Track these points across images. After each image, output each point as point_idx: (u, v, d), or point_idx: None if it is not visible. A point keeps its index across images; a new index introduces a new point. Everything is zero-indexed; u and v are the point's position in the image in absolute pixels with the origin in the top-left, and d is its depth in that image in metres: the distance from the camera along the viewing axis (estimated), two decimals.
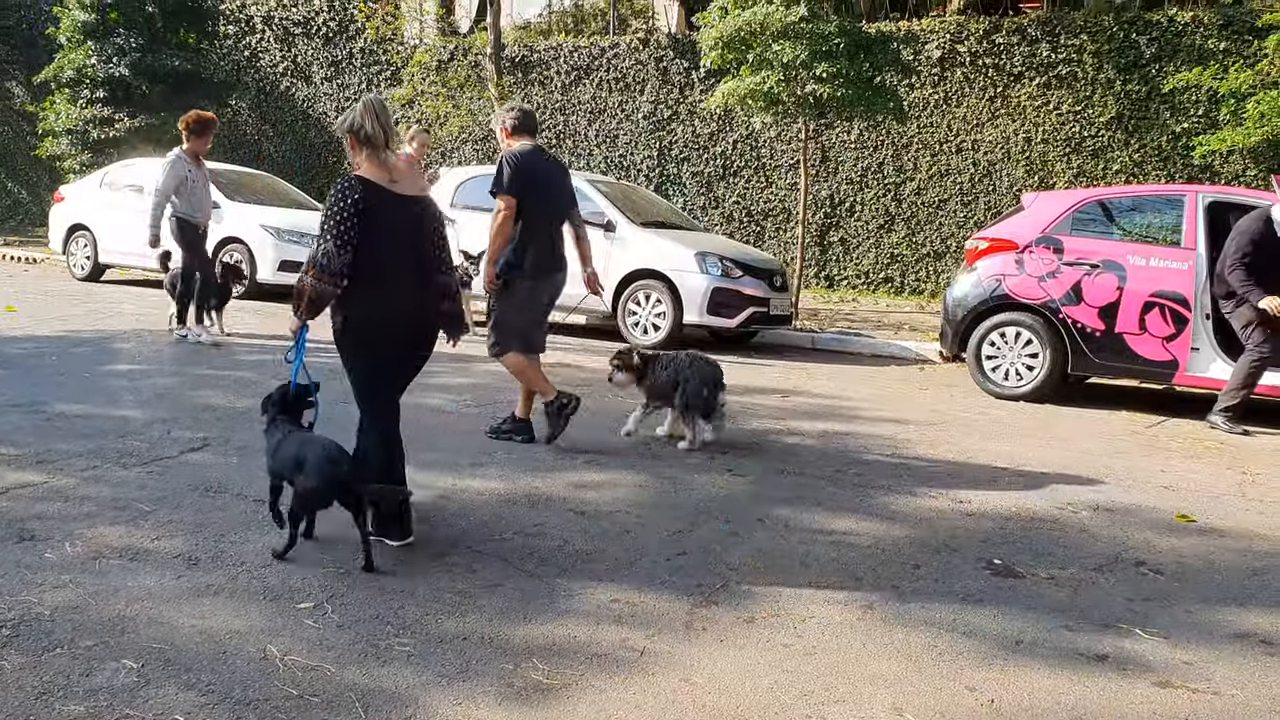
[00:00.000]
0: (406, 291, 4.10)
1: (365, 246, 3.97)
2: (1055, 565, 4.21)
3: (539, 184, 5.82)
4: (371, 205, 3.98)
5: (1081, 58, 14.39)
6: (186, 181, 8.87)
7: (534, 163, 5.86)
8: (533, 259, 5.79)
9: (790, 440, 6.39)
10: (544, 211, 5.88)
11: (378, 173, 4.07)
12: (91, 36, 17.83)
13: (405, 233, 4.11)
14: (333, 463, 3.81)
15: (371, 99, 4.16)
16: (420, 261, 4.17)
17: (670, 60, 17.28)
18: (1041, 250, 8.36)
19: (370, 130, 4.05)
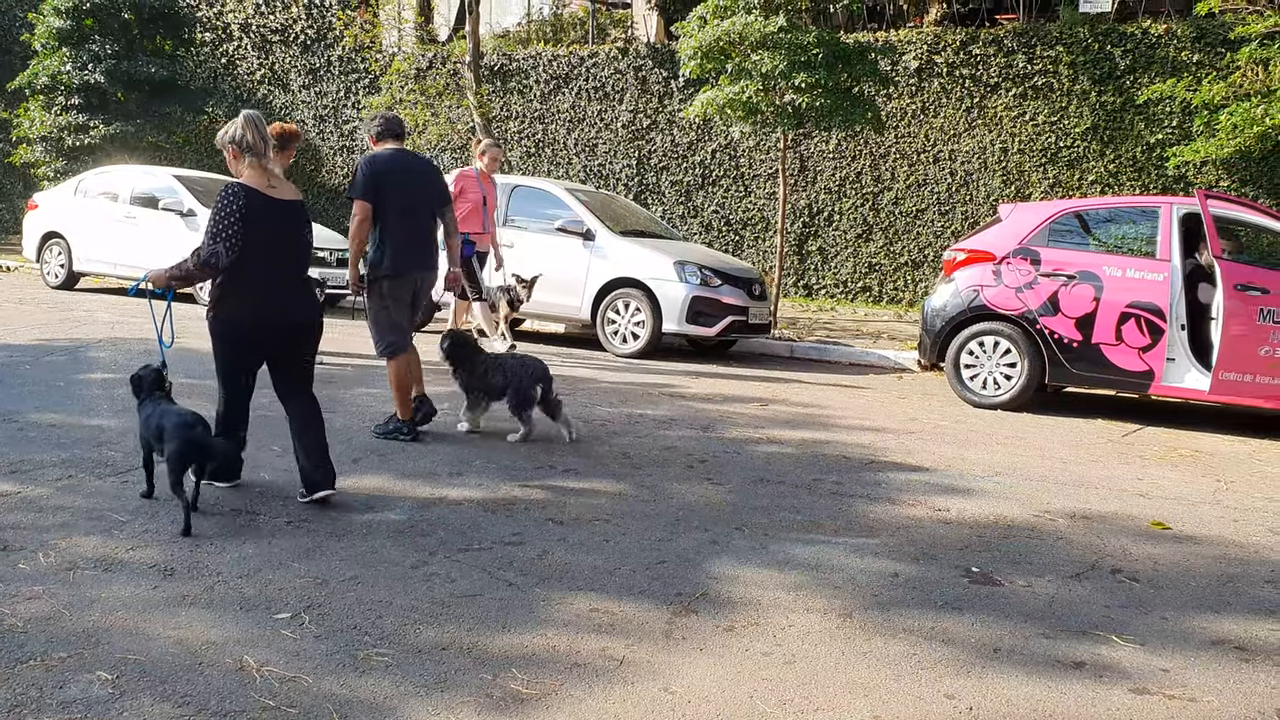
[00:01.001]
0: (279, 292, 4.58)
1: (247, 245, 4.43)
2: (1033, 573, 4.23)
3: (397, 186, 6.01)
4: (254, 209, 4.44)
5: (1057, 69, 14.52)
6: None
7: (392, 165, 6.06)
8: (391, 257, 6.00)
9: (769, 449, 6.40)
10: (404, 211, 6.04)
11: (259, 180, 4.53)
12: (67, 43, 17.74)
13: (281, 233, 4.58)
14: (189, 427, 4.29)
15: (251, 113, 4.60)
16: (296, 261, 4.68)
17: (649, 69, 17.32)
18: (1019, 261, 8.42)
19: (251, 141, 4.51)
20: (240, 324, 4.57)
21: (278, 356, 4.73)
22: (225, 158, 4.64)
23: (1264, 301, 7.59)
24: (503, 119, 18.29)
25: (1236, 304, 7.62)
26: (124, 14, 17.80)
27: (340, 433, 6.15)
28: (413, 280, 6.12)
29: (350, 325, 12.12)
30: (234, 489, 4.80)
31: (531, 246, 11.11)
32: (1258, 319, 7.60)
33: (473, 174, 9.72)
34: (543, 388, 6.21)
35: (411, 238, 6.08)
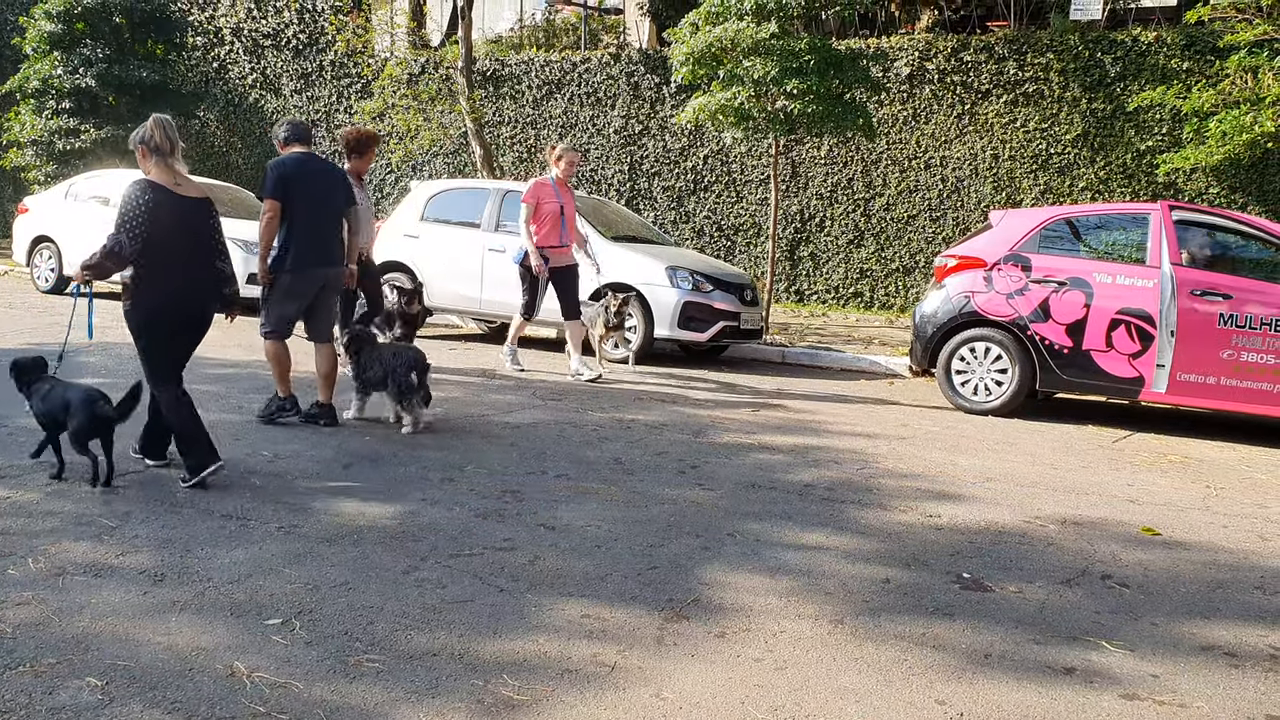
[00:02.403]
0: (186, 278, 4.97)
1: (153, 239, 4.80)
2: (1023, 579, 4.24)
3: (304, 187, 6.40)
4: (160, 205, 4.82)
5: (1048, 76, 14.57)
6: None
7: (299, 168, 6.45)
8: (295, 254, 6.37)
9: (761, 455, 6.41)
10: (309, 211, 6.42)
11: (165, 177, 4.92)
12: (58, 47, 17.69)
13: (188, 228, 4.96)
14: (94, 402, 4.76)
15: (160, 116, 5.00)
16: (200, 252, 5.03)
17: (641, 75, 17.34)
18: (1010, 268, 8.44)
19: (158, 141, 4.91)
20: (153, 312, 4.95)
21: (179, 342, 5.12)
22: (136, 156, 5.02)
23: (1224, 306, 7.73)
24: (495, 124, 18.29)
25: (1191, 309, 7.80)
26: (115, 18, 17.76)
27: (329, 437, 6.15)
28: (316, 276, 6.50)
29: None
30: (224, 492, 4.78)
31: None
32: (1217, 323, 7.73)
33: (548, 183, 9.14)
34: (418, 376, 6.43)
35: (315, 236, 6.44)
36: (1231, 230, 8.36)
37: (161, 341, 5.00)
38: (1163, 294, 7.89)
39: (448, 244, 11.67)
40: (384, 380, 6.52)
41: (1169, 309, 7.85)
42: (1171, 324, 7.84)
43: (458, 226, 11.73)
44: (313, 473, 5.30)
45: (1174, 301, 7.81)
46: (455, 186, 12.52)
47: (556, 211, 9.04)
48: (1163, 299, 7.88)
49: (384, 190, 19.58)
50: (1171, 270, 7.85)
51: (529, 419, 7.14)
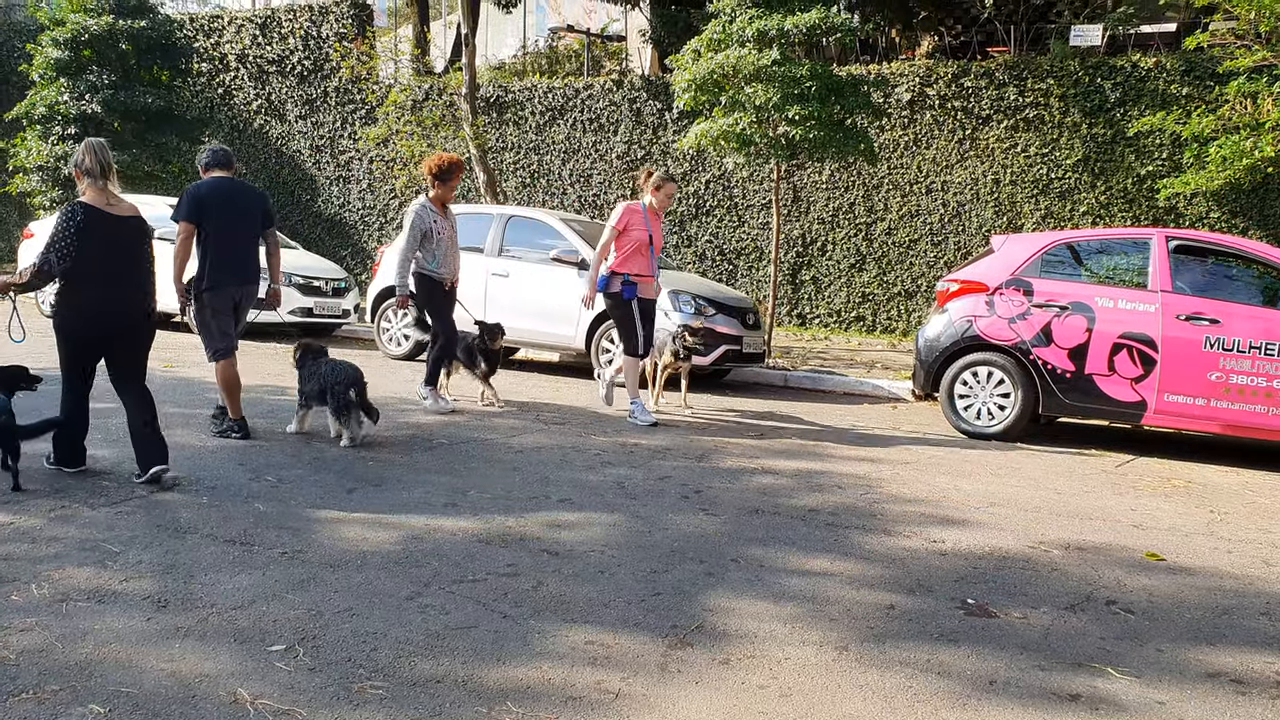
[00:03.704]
0: (116, 291, 5.30)
1: (85, 256, 5.16)
2: (1028, 604, 4.23)
3: (216, 209, 6.68)
4: (90, 224, 5.18)
5: (1048, 101, 14.64)
6: (432, 233, 8.10)
7: (213, 191, 6.75)
8: (211, 272, 6.66)
9: (764, 479, 6.40)
10: (222, 232, 6.69)
11: (97, 199, 5.27)
12: (64, 73, 17.78)
13: (119, 244, 5.31)
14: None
15: (93, 141, 5.38)
16: (131, 266, 5.37)
17: (643, 101, 17.43)
18: (1011, 292, 8.46)
19: (89, 165, 5.26)
20: (78, 322, 5.29)
21: (113, 352, 5.43)
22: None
23: (1211, 330, 7.77)
24: (498, 150, 18.38)
25: (1177, 334, 7.86)
26: (122, 44, 17.86)
27: (335, 462, 6.15)
28: (229, 292, 6.76)
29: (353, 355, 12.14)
30: (228, 517, 4.78)
31: (527, 276, 11.15)
32: (1203, 346, 7.78)
33: (639, 209, 8.39)
34: (355, 391, 6.60)
35: (228, 255, 6.72)
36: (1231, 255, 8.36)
37: (77, 347, 5.35)
38: (1164, 318, 7.90)
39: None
40: (322, 395, 6.73)
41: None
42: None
43: (462, 252, 11.74)
44: (316, 498, 5.30)
45: (1160, 329, 7.88)
46: (459, 212, 12.55)
47: (645, 240, 8.33)
48: (1164, 323, 7.89)
49: (387, 215, 19.65)
50: (1159, 295, 7.90)
51: (532, 443, 7.14)
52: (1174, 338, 7.86)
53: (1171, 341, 7.86)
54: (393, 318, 12.12)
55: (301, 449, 6.49)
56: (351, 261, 19.42)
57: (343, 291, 13.93)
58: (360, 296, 14.41)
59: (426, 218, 8.09)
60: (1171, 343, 7.86)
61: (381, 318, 12.20)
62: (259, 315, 7.62)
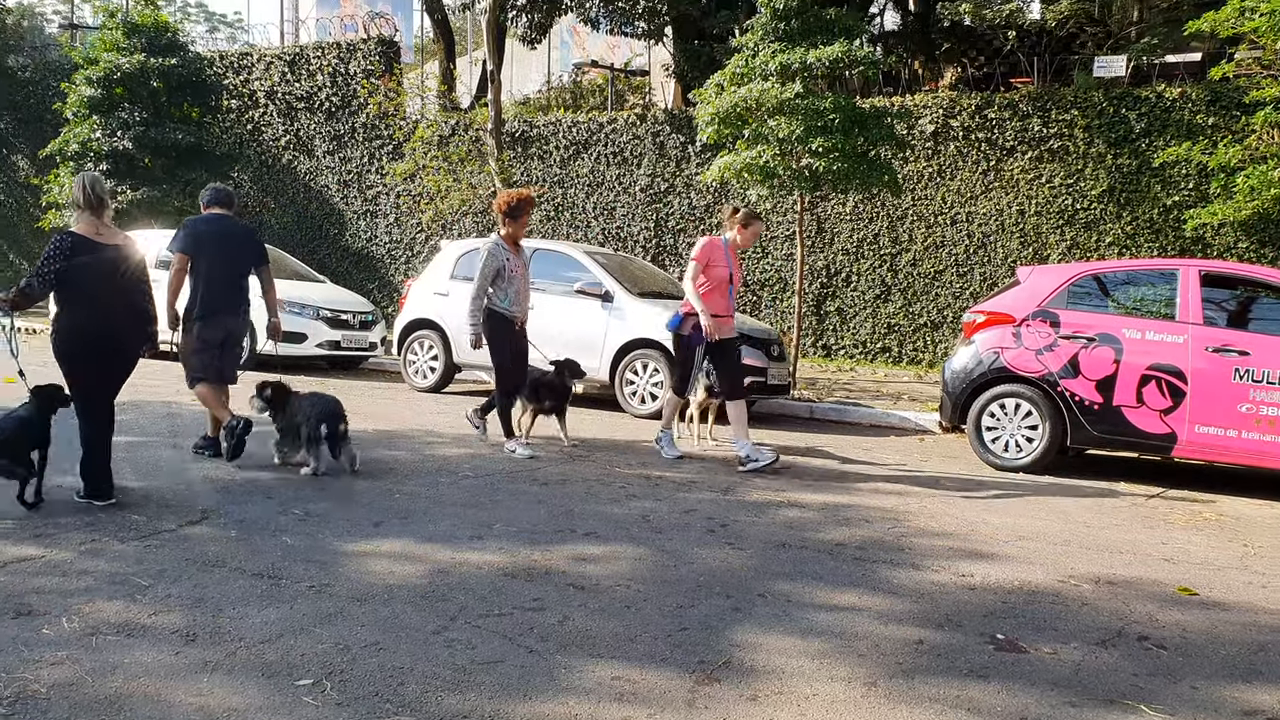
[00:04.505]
0: (106, 314, 5.62)
1: (74, 281, 5.54)
2: (1058, 639, 4.18)
3: (211, 244, 7.13)
4: (79, 251, 5.53)
5: (1072, 132, 14.63)
6: (505, 271, 7.89)
7: (209, 227, 7.22)
8: (202, 303, 7.06)
9: (791, 513, 6.38)
10: (216, 265, 7.13)
11: (86, 229, 5.64)
12: (97, 111, 18.10)
13: (109, 271, 5.61)
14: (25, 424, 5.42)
15: (86, 175, 5.77)
16: (120, 291, 5.67)
17: (667, 135, 17.54)
18: (1038, 324, 8.42)
19: (80, 199, 5.66)
20: (73, 345, 5.62)
21: (100, 370, 5.72)
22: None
23: (1240, 362, 7.69)
24: (523, 183, 18.52)
25: (1205, 366, 7.79)
26: (153, 82, 18.17)
27: (362, 495, 6.17)
28: (221, 324, 7.14)
29: (379, 388, 12.19)
30: (256, 551, 4.81)
31: (551, 308, 11.19)
32: (1232, 378, 7.70)
33: (721, 244, 8.06)
34: (328, 426, 6.75)
35: (220, 288, 7.12)
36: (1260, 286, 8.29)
37: (75, 365, 5.65)
38: (1193, 350, 7.84)
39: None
40: (298, 427, 6.90)
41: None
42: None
43: None
44: (343, 531, 5.32)
45: (1190, 361, 7.82)
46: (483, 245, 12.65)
47: (725, 277, 7.99)
48: (1193, 355, 7.83)
49: (414, 249, 19.81)
50: (1188, 328, 7.85)
51: (557, 475, 7.14)
52: (1203, 369, 7.79)
53: (1200, 373, 7.79)
54: (419, 350, 12.19)
55: (329, 482, 6.53)
56: (378, 295, 19.57)
57: (370, 325, 14.04)
58: (387, 329, 14.51)
59: (499, 255, 7.89)
60: (1200, 374, 7.79)
61: (408, 350, 12.28)
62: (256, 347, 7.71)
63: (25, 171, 22.58)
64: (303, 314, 13.21)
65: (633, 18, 20.09)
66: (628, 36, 21.95)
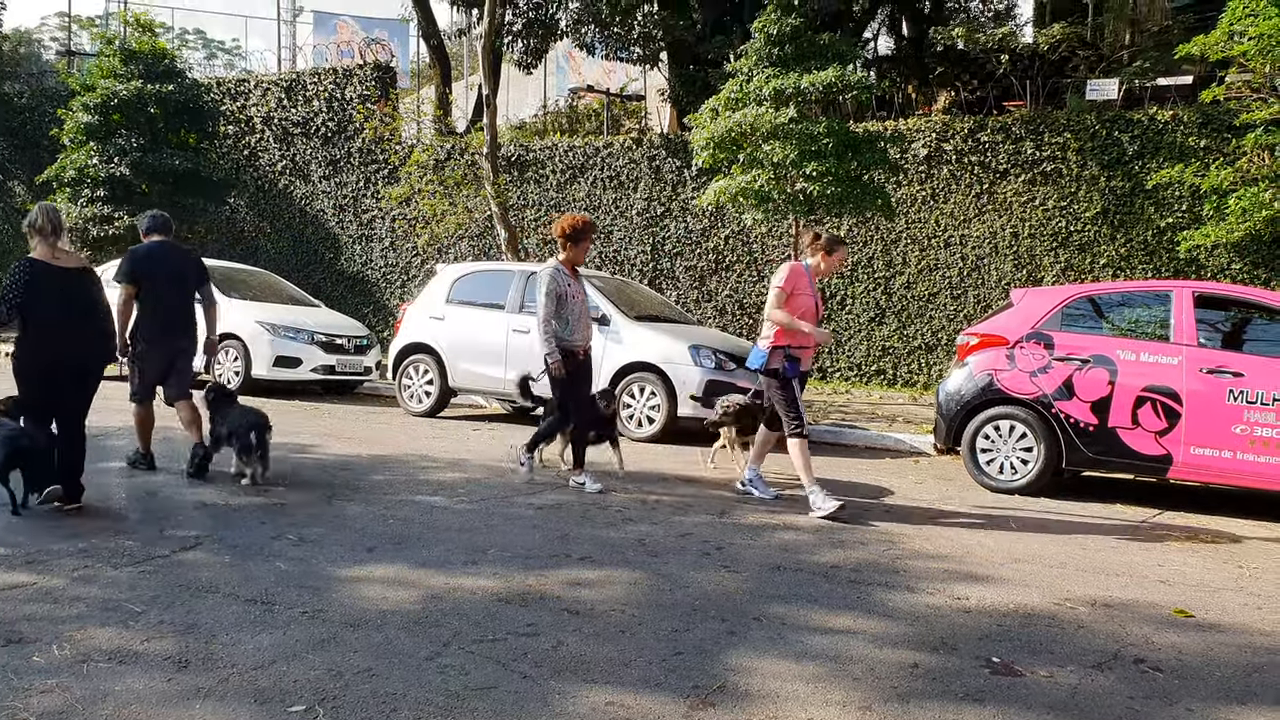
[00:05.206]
0: (66, 336, 5.96)
1: (33, 305, 5.84)
2: (1054, 663, 4.17)
3: (153, 271, 7.42)
4: (38, 276, 5.88)
5: (1065, 155, 14.71)
6: (566, 298, 7.58)
7: (149, 255, 7.50)
8: (148, 327, 7.39)
9: (786, 535, 6.37)
10: (159, 291, 7.42)
11: (45, 254, 5.99)
12: (94, 137, 18.16)
13: (68, 294, 5.96)
14: (14, 439, 5.76)
15: (45, 204, 6.16)
16: (79, 313, 6.03)
17: (663, 159, 17.62)
18: (1032, 345, 8.44)
19: (40, 224, 5.99)
20: (31, 364, 5.95)
21: (61, 392, 6.06)
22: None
23: (1235, 384, 7.70)
24: (519, 208, 18.57)
25: (1200, 388, 7.80)
26: (150, 108, 18.24)
27: (354, 520, 6.16)
28: (165, 345, 7.47)
29: (374, 412, 12.19)
30: (250, 577, 4.79)
31: None
32: (1226, 399, 7.70)
33: (804, 271, 7.41)
34: (256, 435, 7.13)
35: (164, 313, 7.45)
36: (1253, 307, 8.32)
37: (36, 385, 5.98)
38: (1187, 371, 7.86)
39: (473, 325, 11.80)
40: (230, 437, 7.27)
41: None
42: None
43: (483, 308, 11.87)
44: (337, 556, 5.30)
45: (1185, 383, 7.84)
46: (480, 269, 12.70)
47: (811, 307, 7.33)
48: (1188, 376, 7.84)
49: (410, 273, 19.84)
50: (1182, 350, 7.87)
51: (552, 500, 7.13)
52: (1198, 391, 7.80)
53: (1195, 395, 7.81)
54: (414, 374, 12.19)
55: (323, 508, 6.51)
56: (374, 319, 19.58)
57: (365, 349, 14.05)
58: (382, 354, 14.52)
59: (560, 281, 7.54)
60: (1195, 396, 7.81)
61: (403, 375, 12.28)
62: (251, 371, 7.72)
63: (22, 198, 22.62)
64: (298, 339, 13.21)
65: (628, 43, 20.22)
66: (623, 62, 22.09)
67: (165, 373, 7.52)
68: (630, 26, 19.85)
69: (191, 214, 18.89)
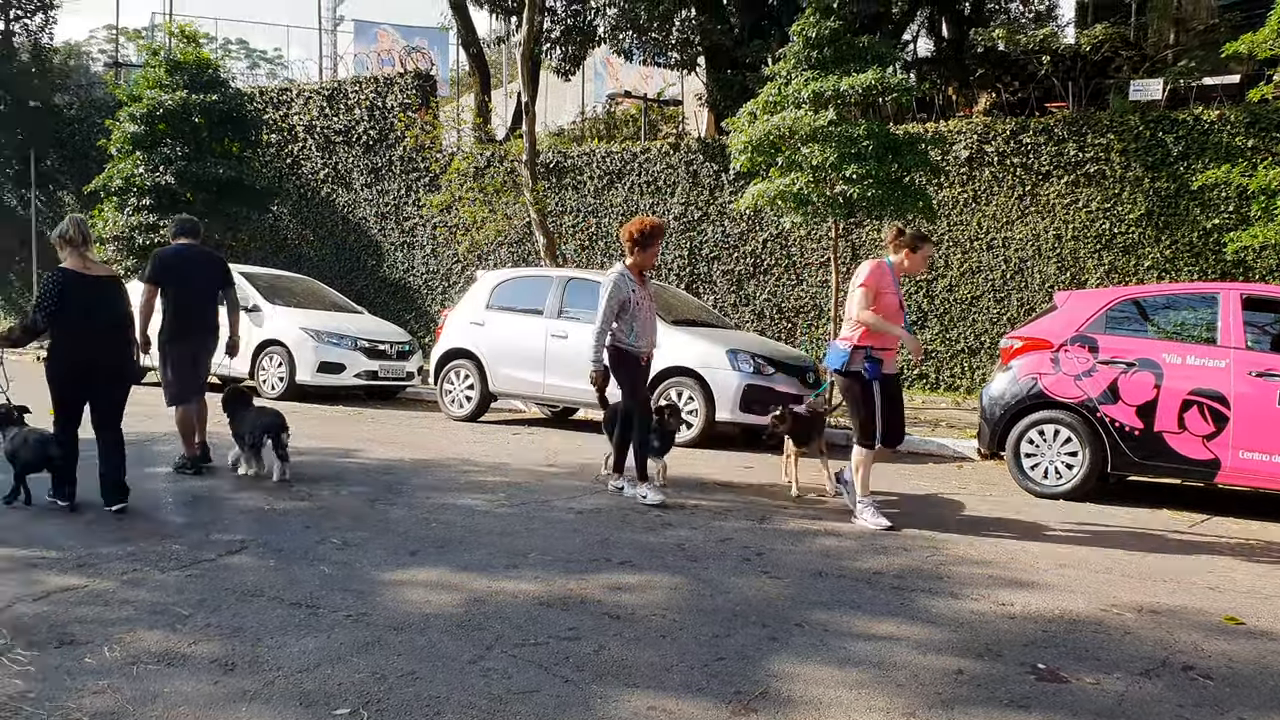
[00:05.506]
0: (95, 342, 6.21)
1: (65, 313, 6.10)
2: (1100, 669, 4.12)
3: (180, 271, 7.70)
4: (70, 286, 6.12)
5: (1109, 156, 14.53)
6: (630, 303, 7.33)
7: (176, 257, 7.78)
8: (171, 327, 7.68)
9: (827, 541, 6.34)
10: (184, 293, 7.71)
11: (76, 264, 6.22)
12: (140, 147, 18.43)
13: (95, 303, 6.22)
14: (44, 443, 6.23)
15: (74, 216, 6.39)
16: (109, 320, 6.29)
17: (700, 163, 17.61)
18: (1076, 349, 8.34)
19: (70, 235, 6.24)
20: (63, 368, 6.20)
21: (93, 396, 6.29)
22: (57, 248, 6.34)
23: None
24: (557, 213, 18.64)
25: (1248, 391, 7.68)
26: (195, 118, 18.48)
27: (397, 524, 6.20)
28: (189, 344, 7.72)
29: (416, 417, 12.27)
30: (295, 580, 4.84)
31: (586, 337, 11.19)
32: (1276, 402, 7.59)
33: (887, 268, 6.94)
34: (271, 437, 7.48)
35: (187, 313, 7.71)
36: None
37: (64, 389, 6.24)
38: (1236, 374, 7.73)
39: (512, 331, 11.87)
40: (245, 437, 7.64)
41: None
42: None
43: (522, 314, 11.93)
44: (380, 559, 5.35)
45: (1232, 386, 7.72)
46: (519, 275, 12.76)
47: (896, 305, 6.93)
48: (1236, 379, 7.72)
49: (450, 280, 19.97)
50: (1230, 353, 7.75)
51: (592, 504, 7.15)
52: (1247, 394, 7.68)
53: (1244, 398, 7.68)
54: (455, 380, 12.27)
55: (366, 511, 6.57)
56: (415, 325, 19.73)
57: (407, 355, 14.16)
58: (424, 359, 14.62)
59: (625, 286, 7.29)
60: (1244, 399, 7.68)
61: (444, 380, 12.36)
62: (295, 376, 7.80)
63: (71, 207, 23.01)
64: (341, 344, 13.34)
65: (666, 49, 20.24)
66: (661, 67, 22.11)
67: (190, 371, 7.75)
68: (668, 32, 19.86)
69: (235, 222, 19.14)
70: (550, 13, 20.47)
